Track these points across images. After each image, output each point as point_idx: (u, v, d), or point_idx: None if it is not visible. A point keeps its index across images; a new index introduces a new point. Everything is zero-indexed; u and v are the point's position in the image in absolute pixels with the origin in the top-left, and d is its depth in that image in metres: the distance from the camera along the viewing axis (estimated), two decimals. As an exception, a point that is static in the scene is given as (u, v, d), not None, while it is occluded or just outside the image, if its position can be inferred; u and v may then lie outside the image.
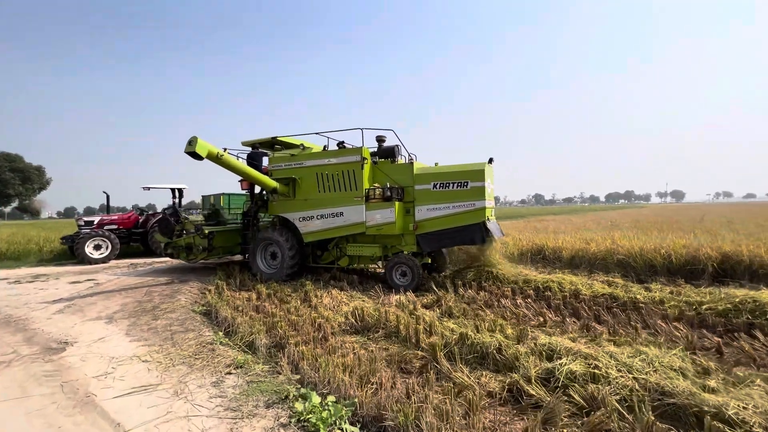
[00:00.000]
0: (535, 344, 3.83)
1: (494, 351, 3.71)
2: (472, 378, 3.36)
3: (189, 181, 15.56)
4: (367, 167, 7.93)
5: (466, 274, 7.74)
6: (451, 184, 7.45)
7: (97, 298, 6.75)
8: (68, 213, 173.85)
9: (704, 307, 4.98)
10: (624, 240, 9.10)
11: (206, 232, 8.79)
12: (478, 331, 4.43)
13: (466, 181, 7.32)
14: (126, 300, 6.53)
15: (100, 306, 6.11)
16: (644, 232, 11.07)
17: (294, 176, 8.47)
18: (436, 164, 8.47)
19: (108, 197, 13.23)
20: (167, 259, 12.42)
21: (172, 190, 13.90)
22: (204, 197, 16.75)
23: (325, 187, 8.26)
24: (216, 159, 6.90)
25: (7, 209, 63.73)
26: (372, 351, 4.03)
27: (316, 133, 8.60)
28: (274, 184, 8.21)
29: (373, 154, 8.33)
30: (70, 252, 12.06)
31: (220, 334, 4.49)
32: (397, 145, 8.25)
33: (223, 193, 15.12)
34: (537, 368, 3.34)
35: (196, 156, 6.57)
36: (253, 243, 8.89)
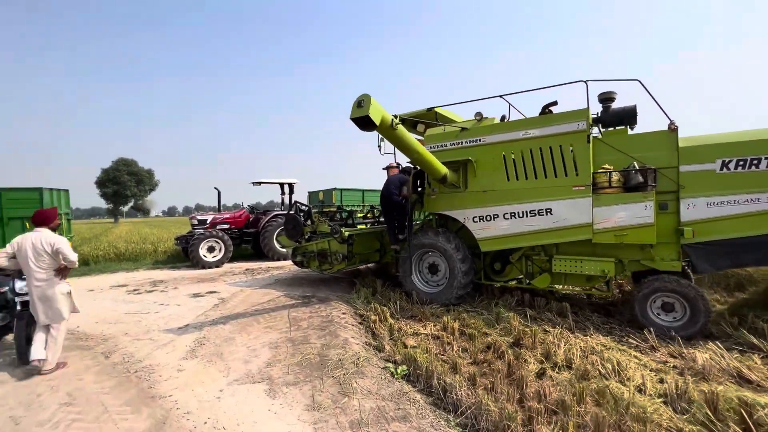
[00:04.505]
0: None
1: None
2: None
3: (267, 175, 14.13)
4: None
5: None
6: (763, 162, 4.38)
7: (232, 327, 4.95)
8: (171, 212, 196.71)
9: None
10: None
11: (346, 235, 6.74)
12: None
13: (797, 156, 4.20)
14: (271, 335, 4.60)
15: (242, 347, 4.22)
16: None
17: (469, 158, 6.00)
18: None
19: (219, 193, 12.17)
20: (283, 263, 10.94)
21: (281, 185, 12.49)
22: (311, 193, 15.35)
23: (518, 172, 5.68)
24: (389, 129, 4.70)
25: (125, 209, 72.15)
26: None
27: (499, 96, 6.03)
28: (445, 170, 5.83)
29: (595, 121, 5.53)
30: (184, 254, 11.11)
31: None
32: (636, 105, 5.36)
33: (335, 188, 13.45)
34: None
35: (365, 124, 4.42)
36: (405, 251, 6.63)
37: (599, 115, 5.55)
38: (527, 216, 5.60)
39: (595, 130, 5.60)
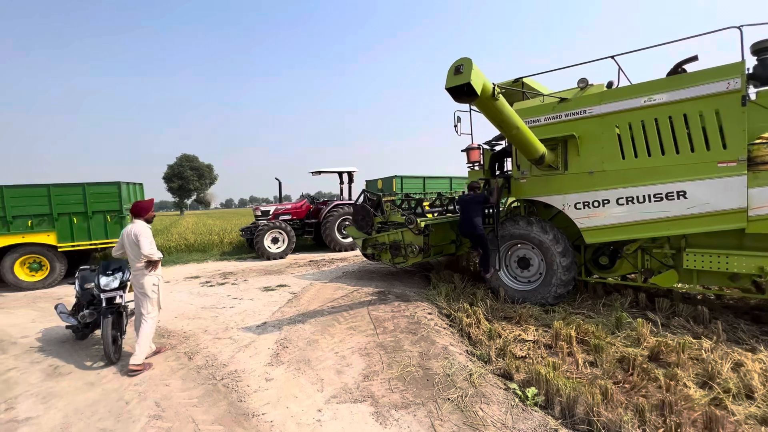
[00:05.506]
0: None
1: None
2: None
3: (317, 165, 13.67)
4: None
5: None
6: None
7: (312, 327, 4.58)
8: (228, 204, 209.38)
9: None
10: None
11: (422, 226, 6.12)
12: None
13: None
14: (357, 339, 4.15)
15: (329, 353, 3.80)
16: None
17: (571, 134, 5.10)
18: None
19: (280, 184, 12.10)
20: (346, 254, 10.64)
21: (340, 174, 12.16)
22: (368, 181, 14.96)
23: (637, 148, 4.70)
24: (489, 100, 3.98)
25: (188, 201, 77.36)
26: None
27: (610, 57, 5.02)
28: (543, 149, 4.98)
29: (748, 78, 4.38)
30: (249, 245, 11.19)
31: None
32: (810, 54, 4.14)
33: (395, 176, 12.89)
34: None
35: (463, 94, 3.71)
36: (490, 243, 5.87)
37: (752, 70, 4.39)
38: (650, 201, 4.62)
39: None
